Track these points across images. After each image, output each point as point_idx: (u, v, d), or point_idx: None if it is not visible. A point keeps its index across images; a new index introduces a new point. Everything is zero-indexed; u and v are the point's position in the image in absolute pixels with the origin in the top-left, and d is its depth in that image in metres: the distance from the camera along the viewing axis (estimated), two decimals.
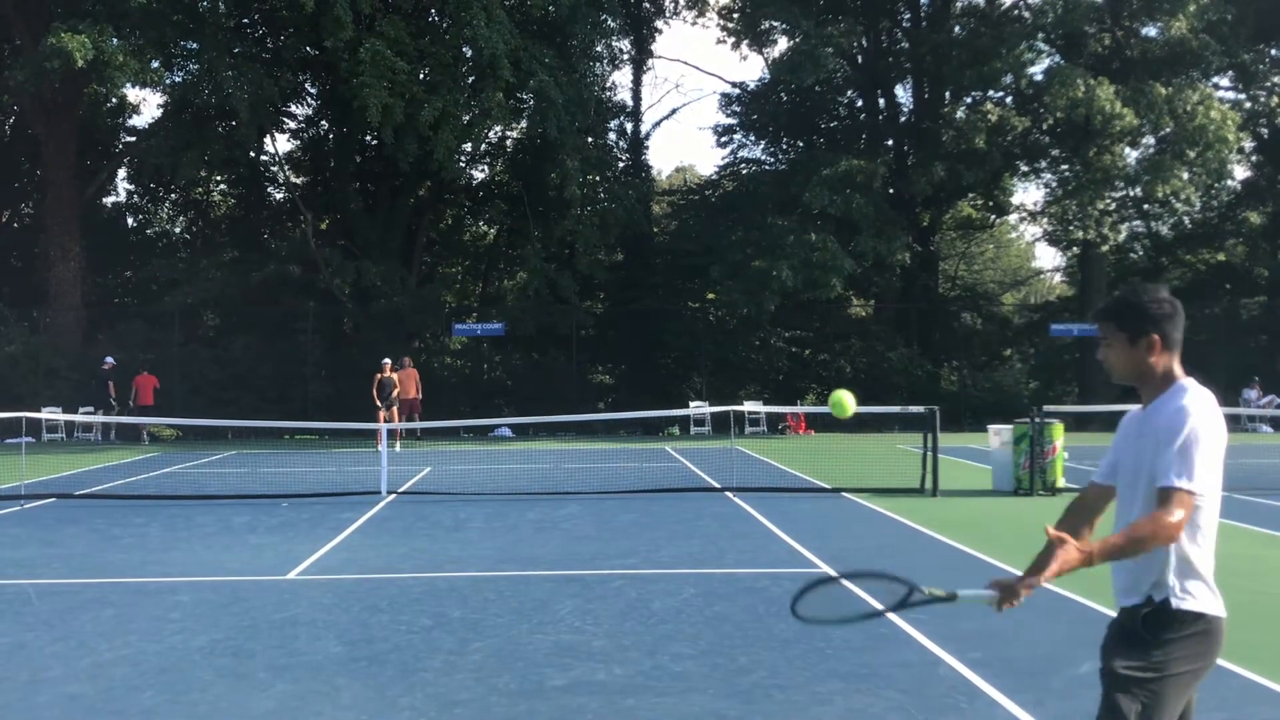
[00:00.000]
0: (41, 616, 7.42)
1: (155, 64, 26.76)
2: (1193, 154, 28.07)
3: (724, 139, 36.33)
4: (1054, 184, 31.52)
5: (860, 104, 35.53)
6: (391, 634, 6.84)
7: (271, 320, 29.45)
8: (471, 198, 35.93)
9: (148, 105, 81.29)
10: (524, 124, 30.32)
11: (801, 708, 5.34)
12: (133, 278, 35.19)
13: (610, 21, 31.25)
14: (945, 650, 6.29)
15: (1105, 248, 31.42)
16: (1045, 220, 34.47)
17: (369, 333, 30.10)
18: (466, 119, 27.23)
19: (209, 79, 27.03)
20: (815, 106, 34.29)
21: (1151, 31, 30.39)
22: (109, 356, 26.47)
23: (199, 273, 31.44)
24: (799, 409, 27.26)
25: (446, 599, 7.86)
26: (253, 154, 31.95)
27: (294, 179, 34.34)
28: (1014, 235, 51.55)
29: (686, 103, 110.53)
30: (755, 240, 28.29)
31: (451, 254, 37.55)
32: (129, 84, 26.48)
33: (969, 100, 31.94)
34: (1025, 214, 37.79)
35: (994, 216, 37.84)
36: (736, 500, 13.37)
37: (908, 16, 34.31)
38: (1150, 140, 29.91)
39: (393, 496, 13.98)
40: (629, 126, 36.85)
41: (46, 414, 23.32)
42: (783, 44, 33.04)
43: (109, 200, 36.19)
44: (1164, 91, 27.86)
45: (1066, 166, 30.43)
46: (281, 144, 34.57)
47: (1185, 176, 28.52)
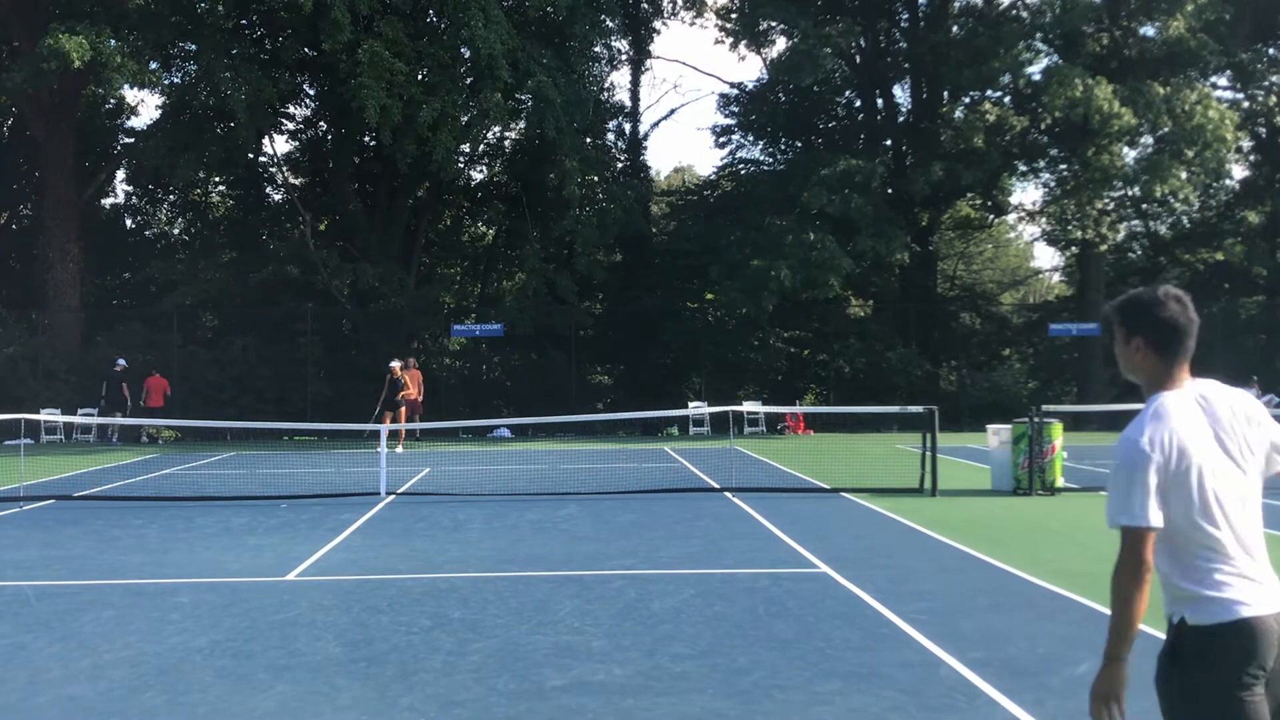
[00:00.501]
0: (41, 618, 7.42)
1: (153, 65, 26.80)
2: (1191, 153, 28.11)
3: (722, 139, 36.34)
4: (1052, 183, 31.55)
5: (858, 104, 35.53)
6: (391, 635, 6.84)
7: (270, 321, 29.46)
8: (470, 198, 35.93)
9: (146, 107, 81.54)
10: (522, 124, 30.33)
11: (801, 708, 5.34)
12: (131, 279, 35.18)
13: (608, 22, 31.28)
14: (945, 650, 6.29)
15: (1104, 247, 31.45)
16: (1044, 220, 34.51)
17: (368, 334, 30.11)
18: (465, 120, 27.23)
19: (207, 80, 27.05)
20: (813, 106, 34.28)
21: (1149, 31, 30.43)
22: (120, 359, 26.50)
23: (197, 274, 31.43)
24: (798, 409, 27.27)
25: (446, 599, 7.86)
26: (251, 155, 31.94)
27: (292, 180, 34.33)
28: (1012, 235, 51.57)
29: (685, 103, 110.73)
30: (754, 240, 28.29)
31: (450, 255, 37.54)
32: (127, 85, 26.52)
33: (967, 100, 31.94)
34: (1024, 214, 37.85)
35: (992, 216, 37.84)
36: (736, 500, 13.37)
37: (906, 16, 34.31)
38: (1148, 140, 29.94)
39: (392, 497, 13.97)
40: (627, 127, 36.92)
41: (45, 416, 23.32)
42: (781, 44, 33.09)
43: (107, 202, 36.24)
44: (1162, 91, 27.90)
45: (1065, 166, 30.46)
46: (280, 145, 34.63)
47: (1183, 176, 28.56)
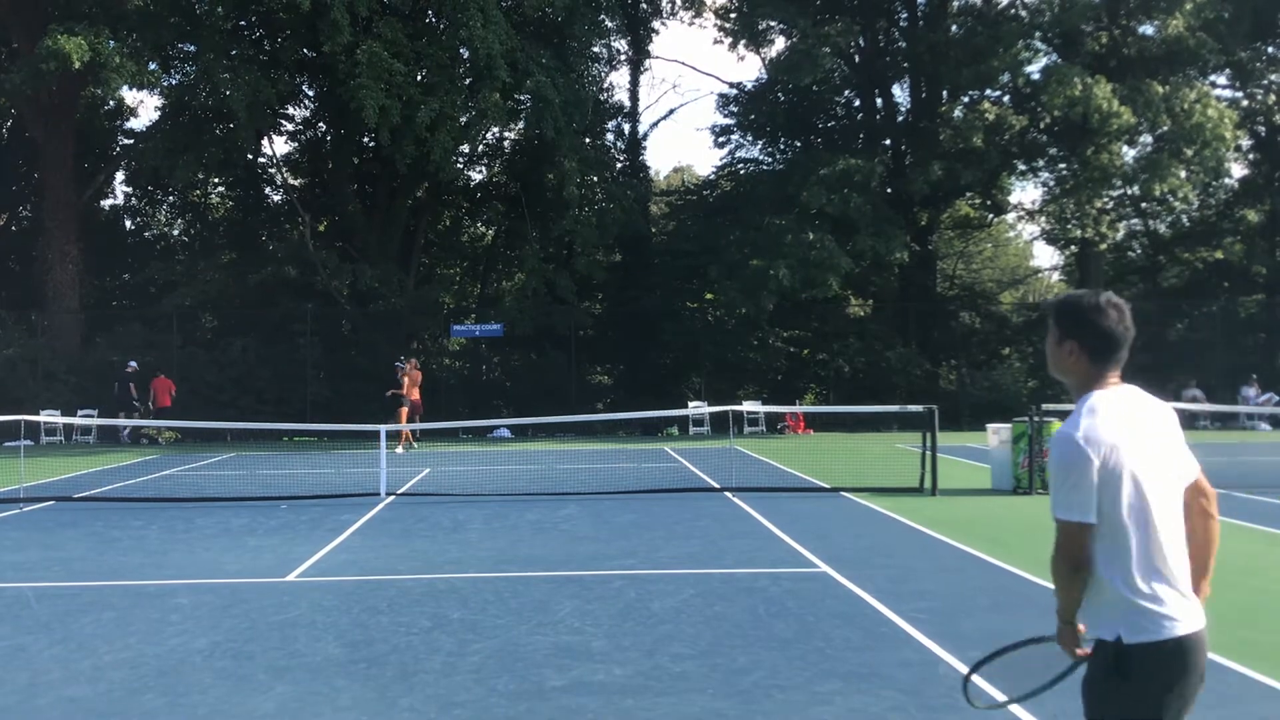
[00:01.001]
0: (41, 619, 7.41)
1: (152, 66, 26.79)
2: (1190, 152, 28.11)
3: (722, 139, 36.33)
4: (1051, 183, 31.57)
5: (858, 103, 35.52)
6: (391, 635, 6.84)
7: (270, 322, 29.45)
8: (469, 199, 35.93)
9: (145, 108, 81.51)
10: (521, 125, 30.33)
11: (801, 708, 5.34)
12: (131, 280, 35.19)
13: (607, 22, 31.28)
14: (945, 649, 6.29)
15: (1103, 246, 31.46)
16: (1043, 219, 34.53)
17: (367, 334, 30.10)
18: (464, 120, 27.23)
19: (206, 81, 27.04)
20: (813, 106, 34.28)
21: (1149, 30, 30.44)
22: (132, 361, 26.58)
23: (197, 275, 31.44)
24: (798, 408, 27.27)
25: (446, 600, 7.86)
26: (250, 156, 31.95)
27: (291, 181, 34.33)
28: (1012, 234, 51.53)
29: (684, 103, 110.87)
30: (753, 240, 28.28)
31: (449, 255, 37.54)
32: (126, 86, 26.51)
33: (966, 99, 31.94)
34: (1023, 213, 37.86)
35: (992, 215, 37.83)
36: (736, 500, 13.37)
37: (905, 16, 34.31)
38: (1148, 139, 29.94)
39: (391, 498, 13.97)
40: (627, 127, 36.90)
41: (45, 417, 23.31)
42: (780, 44, 33.12)
43: (107, 203, 36.25)
44: (1161, 90, 27.90)
45: (1064, 165, 30.46)
46: (279, 146, 34.56)
47: (1183, 175, 28.56)
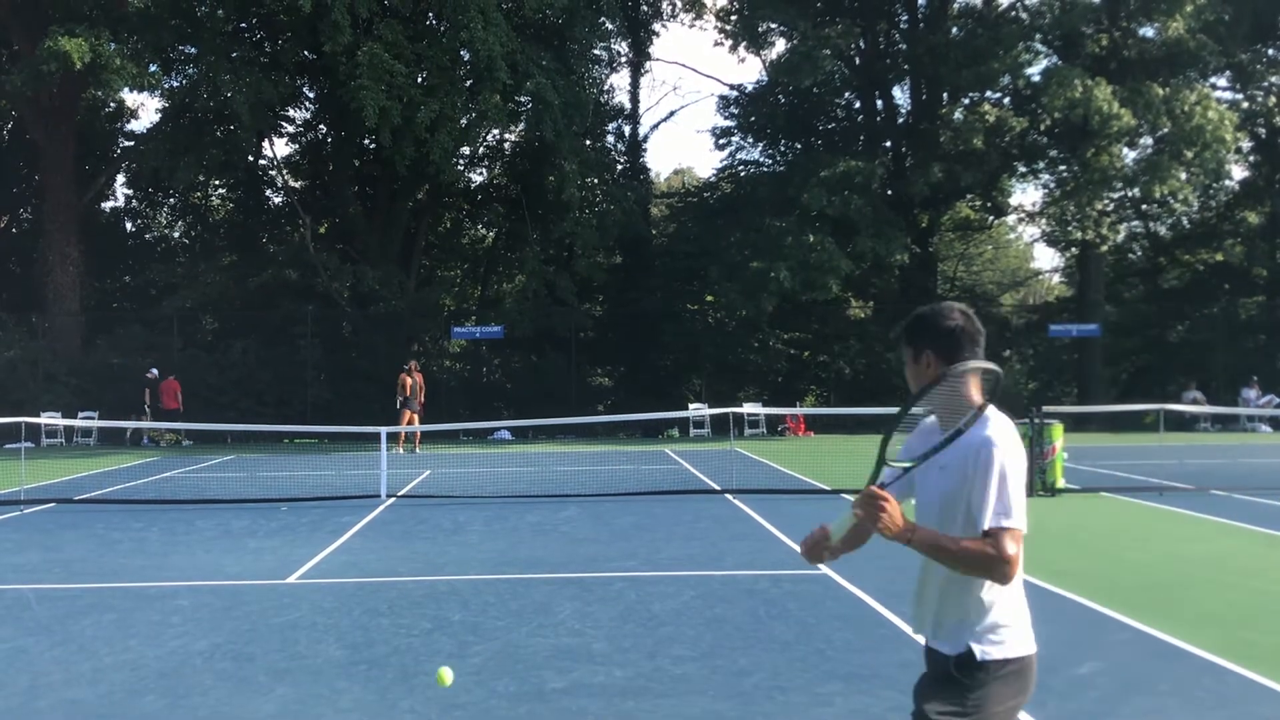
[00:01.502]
0: (41, 622, 7.42)
1: (153, 68, 26.81)
2: (1190, 154, 28.10)
3: (722, 141, 36.32)
4: (1052, 184, 31.55)
5: (858, 105, 35.51)
6: (392, 637, 6.84)
7: (270, 324, 29.45)
8: (470, 201, 35.93)
9: (146, 110, 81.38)
10: (521, 127, 30.33)
11: (802, 709, 5.34)
12: (131, 282, 35.20)
13: (608, 24, 31.28)
14: None
15: (1104, 248, 31.44)
16: (1043, 221, 34.50)
17: (368, 336, 30.09)
18: (464, 122, 27.24)
19: (207, 83, 27.06)
20: (813, 108, 34.27)
21: (1149, 32, 30.44)
22: (154, 368, 26.67)
23: (197, 277, 31.43)
24: (798, 410, 27.25)
25: (446, 602, 7.86)
26: (251, 158, 31.97)
27: (292, 183, 34.33)
28: (1012, 236, 51.54)
29: (684, 105, 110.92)
30: (753, 242, 28.28)
31: (450, 257, 37.56)
32: (127, 88, 26.54)
33: (966, 101, 31.92)
34: (1023, 215, 37.84)
35: (992, 217, 37.83)
36: (736, 502, 13.36)
37: (905, 18, 34.31)
38: (1148, 140, 29.93)
39: (392, 500, 13.97)
40: (627, 129, 36.91)
41: (45, 419, 23.31)
42: (780, 46, 33.08)
43: (107, 205, 36.24)
44: (1161, 92, 27.89)
45: (1064, 167, 30.45)
46: (280, 148, 34.54)
47: (1183, 177, 28.55)
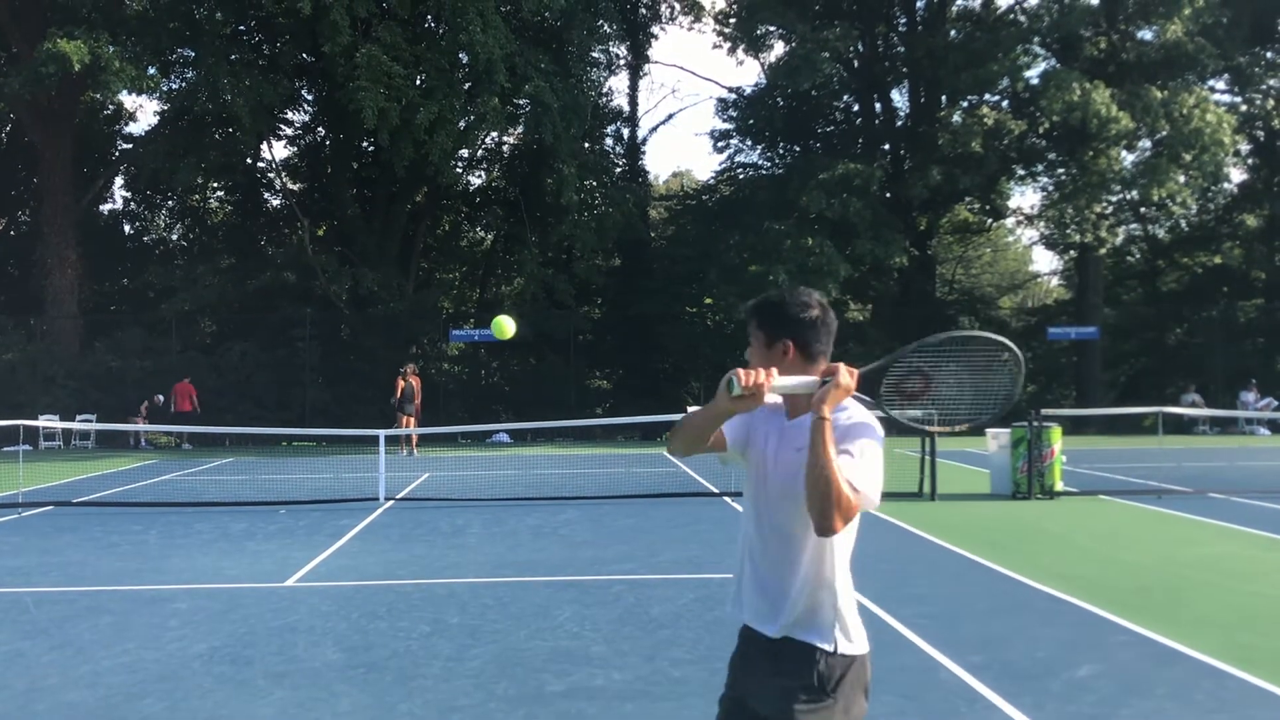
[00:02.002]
0: (39, 625, 7.40)
1: (152, 71, 26.82)
2: (1189, 157, 28.11)
3: (721, 144, 36.34)
4: (1050, 187, 31.55)
5: (856, 108, 35.54)
6: (390, 640, 6.83)
7: (269, 327, 29.44)
8: (468, 203, 35.96)
9: (144, 112, 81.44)
10: (520, 129, 30.36)
11: None
12: (130, 285, 35.21)
13: (606, 27, 31.31)
14: (944, 655, 6.29)
15: (1102, 251, 31.47)
16: (1042, 224, 34.46)
17: (366, 339, 30.09)
18: (462, 124, 27.24)
19: (206, 86, 27.09)
20: (812, 111, 34.30)
21: (1147, 35, 30.48)
22: (159, 394, 26.92)
23: (196, 280, 31.42)
24: None
25: (445, 605, 7.85)
26: (250, 160, 31.97)
27: (291, 185, 34.35)
28: (1011, 239, 51.62)
29: (683, 108, 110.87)
30: (752, 245, 28.31)
31: (448, 260, 37.58)
32: (125, 90, 26.53)
33: (965, 104, 31.94)
34: (1022, 217, 37.88)
35: (991, 220, 37.86)
36: (735, 505, 13.34)
37: (904, 20, 34.35)
38: (1146, 143, 29.94)
39: (390, 503, 13.96)
40: (626, 132, 36.96)
41: (44, 422, 23.29)
42: (779, 49, 33.14)
43: (106, 208, 36.27)
44: (1160, 95, 27.92)
45: (1063, 170, 30.45)
46: (278, 150, 34.55)
47: (1181, 179, 28.56)
